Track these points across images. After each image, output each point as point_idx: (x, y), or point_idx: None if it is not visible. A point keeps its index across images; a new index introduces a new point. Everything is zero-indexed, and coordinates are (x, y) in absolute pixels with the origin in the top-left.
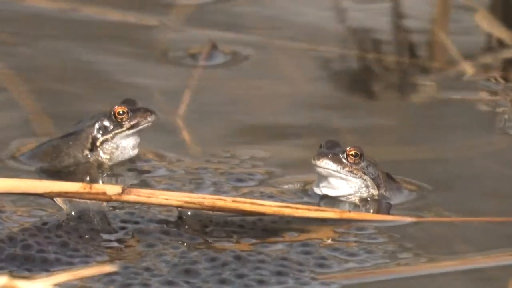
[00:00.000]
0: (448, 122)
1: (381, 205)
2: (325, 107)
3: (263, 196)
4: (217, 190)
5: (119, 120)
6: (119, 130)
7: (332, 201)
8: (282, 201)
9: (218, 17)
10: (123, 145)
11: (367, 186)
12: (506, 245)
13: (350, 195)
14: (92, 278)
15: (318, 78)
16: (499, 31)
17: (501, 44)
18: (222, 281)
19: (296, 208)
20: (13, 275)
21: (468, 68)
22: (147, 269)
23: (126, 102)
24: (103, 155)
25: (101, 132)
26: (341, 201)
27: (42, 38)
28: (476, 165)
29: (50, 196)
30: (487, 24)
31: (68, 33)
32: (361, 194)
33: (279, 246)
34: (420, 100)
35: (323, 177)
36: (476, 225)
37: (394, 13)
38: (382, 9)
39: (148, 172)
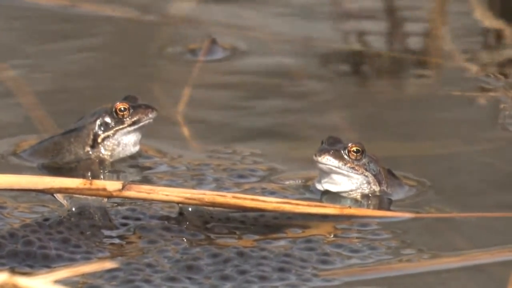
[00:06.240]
0: (448, 118)
1: (383, 201)
2: (325, 102)
3: (264, 192)
4: (219, 186)
5: (121, 117)
6: (121, 126)
7: (334, 197)
8: (284, 197)
9: (218, 12)
10: (125, 141)
11: (368, 183)
12: (507, 241)
13: (351, 191)
14: (93, 275)
15: (316, 73)
16: (498, 27)
17: (500, 40)
18: (224, 277)
19: (297, 204)
20: (14, 271)
21: (467, 64)
22: (149, 265)
23: (127, 98)
24: (104, 152)
25: (102, 128)
26: (343, 197)
27: (41, 35)
28: (476, 161)
29: (51, 192)
30: (486, 19)
31: (67, 30)
32: (363, 190)
33: (281, 242)
34: (420, 96)
35: (325, 173)
36: (477, 221)
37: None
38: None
39: (150, 168)
